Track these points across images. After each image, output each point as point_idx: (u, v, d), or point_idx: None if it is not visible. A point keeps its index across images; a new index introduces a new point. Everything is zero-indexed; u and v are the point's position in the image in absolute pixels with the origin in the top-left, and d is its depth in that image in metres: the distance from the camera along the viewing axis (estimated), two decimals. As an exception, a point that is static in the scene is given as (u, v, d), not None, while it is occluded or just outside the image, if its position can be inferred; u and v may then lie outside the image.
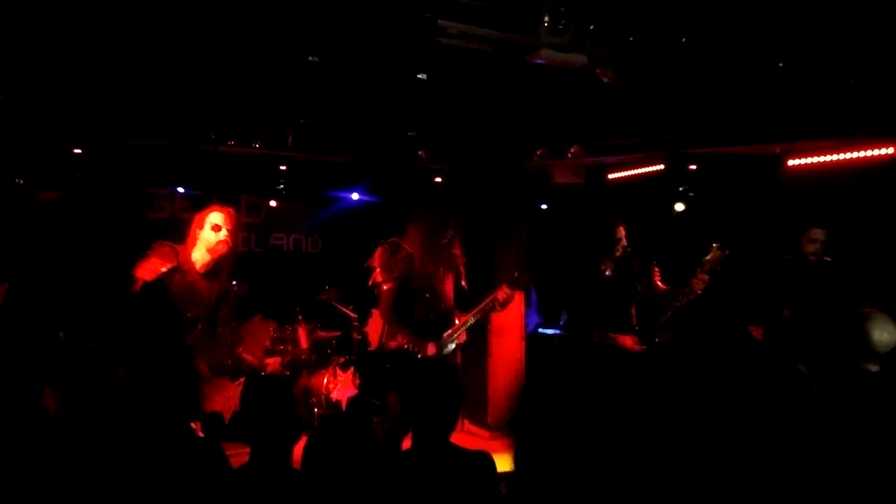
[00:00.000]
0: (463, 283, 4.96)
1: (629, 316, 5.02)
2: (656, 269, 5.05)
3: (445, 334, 4.77)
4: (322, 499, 2.50)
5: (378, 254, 4.84)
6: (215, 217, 4.37)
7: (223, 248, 4.34)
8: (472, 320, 4.87)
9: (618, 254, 5.06)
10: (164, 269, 4.03)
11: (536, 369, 6.22)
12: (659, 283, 5.00)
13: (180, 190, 6.61)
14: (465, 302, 5.02)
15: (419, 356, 4.60)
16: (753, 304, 5.43)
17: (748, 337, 5.32)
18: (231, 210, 4.50)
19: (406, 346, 4.62)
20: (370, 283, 4.93)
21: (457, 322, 4.84)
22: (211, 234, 4.32)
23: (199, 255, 4.33)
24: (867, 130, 5.17)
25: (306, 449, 2.47)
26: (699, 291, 4.70)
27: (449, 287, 4.87)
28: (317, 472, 2.43)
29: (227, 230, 4.36)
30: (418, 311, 4.70)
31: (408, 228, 4.87)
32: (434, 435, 2.57)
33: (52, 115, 5.31)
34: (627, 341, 4.86)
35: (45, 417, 4.30)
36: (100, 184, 6.19)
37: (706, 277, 4.67)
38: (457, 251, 7.03)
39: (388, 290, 4.72)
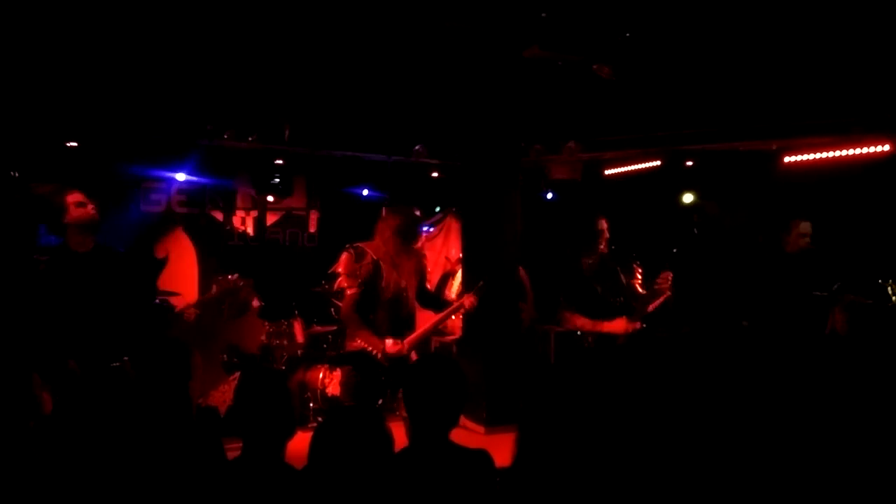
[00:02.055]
0: (427, 284, 4.97)
1: (616, 304, 5.00)
2: (638, 272, 5.07)
3: (408, 339, 4.76)
4: (320, 494, 2.49)
5: (343, 259, 4.82)
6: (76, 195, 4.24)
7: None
8: (435, 326, 4.91)
9: (601, 247, 5.06)
10: None
11: (534, 363, 6.25)
12: (639, 288, 5.03)
13: (180, 178, 6.57)
14: (430, 302, 5.03)
15: (378, 357, 4.61)
16: (748, 299, 5.43)
17: (742, 331, 5.33)
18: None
19: (366, 348, 4.62)
20: (335, 287, 4.92)
21: (418, 327, 4.85)
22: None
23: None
24: (863, 127, 5.18)
25: (313, 441, 2.46)
26: (668, 291, 4.84)
27: (412, 290, 4.87)
28: (322, 465, 2.42)
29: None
30: (381, 316, 4.69)
31: (375, 230, 4.84)
32: (434, 432, 2.55)
33: (48, 108, 5.30)
34: (619, 326, 4.85)
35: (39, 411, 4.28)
36: (95, 177, 6.16)
37: (669, 275, 4.81)
38: (454, 247, 7.04)
39: (351, 294, 4.71)
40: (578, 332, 4.98)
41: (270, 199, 7.13)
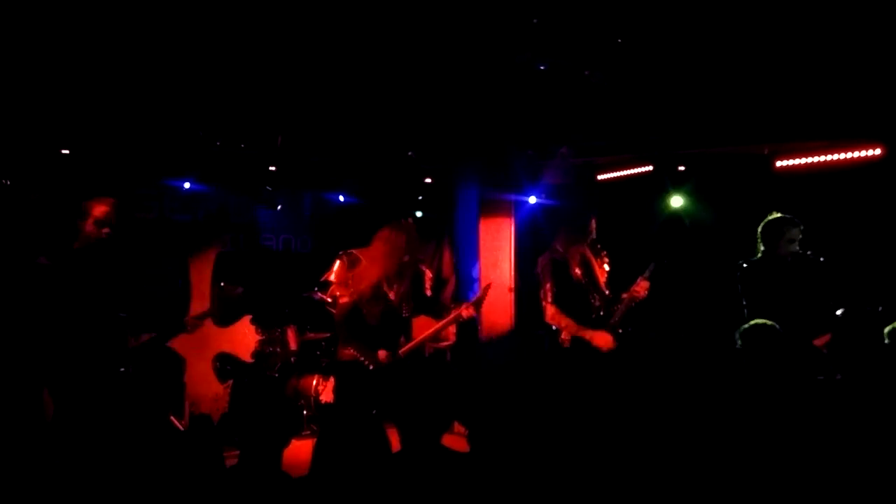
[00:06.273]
0: (427, 292, 4.92)
1: (601, 311, 4.92)
2: (605, 262, 5.02)
3: (406, 347, 4.74)
4: (316, 500, 2.48)
5: (336, 267, 4.79)
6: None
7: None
8: (433, 334, 4.89)
9: (586, 243, 5.00)
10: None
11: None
12: (602, 279, 4.96)
13: (174, 185, 6.54)
14: (428, 308, 5.00)
15: (371, 368, 4.58)
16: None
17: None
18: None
19: (358, 358, 4.60)
20: (328, 296, 4.89)
21: (416, 335, 4.82)
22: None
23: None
24: (855, 132, 5.20)
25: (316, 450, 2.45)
26: (636, 299, 4.79)
27: (407, 301, 4.81)
28: (325, 473, 2.41)
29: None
30: (373, 324, 4.66)
31: (374, 240, 4.80)
32: (424, 437, 2.56)
33: (40, 115, 5.28)
34: (599, 339, 4.74)
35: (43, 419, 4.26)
36: (87, 183, 6.14)
37: (647, 284, 4.79)
38: (446, 257, 7.03)
39: (343, 303, 4.68)
40: (554, 328, 4.88)
41: (264, 204, 7.11)
